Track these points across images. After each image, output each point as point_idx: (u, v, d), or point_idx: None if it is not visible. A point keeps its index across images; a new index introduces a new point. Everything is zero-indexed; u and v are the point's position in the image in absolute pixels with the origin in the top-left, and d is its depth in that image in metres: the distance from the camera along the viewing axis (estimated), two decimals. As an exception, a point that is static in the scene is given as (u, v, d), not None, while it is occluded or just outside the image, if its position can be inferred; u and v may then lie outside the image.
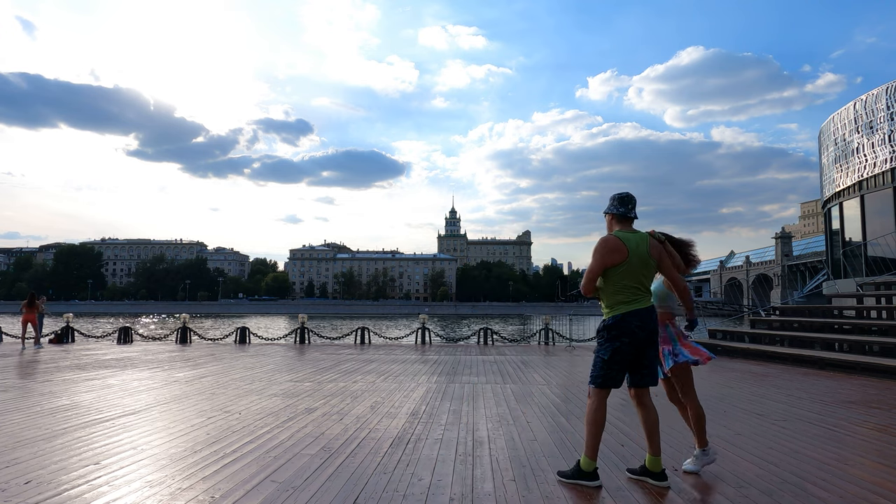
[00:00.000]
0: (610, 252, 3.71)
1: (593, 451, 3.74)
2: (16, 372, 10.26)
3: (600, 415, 3.75)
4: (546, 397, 7.57)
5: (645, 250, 3.76)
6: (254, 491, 3.60)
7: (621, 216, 3.90)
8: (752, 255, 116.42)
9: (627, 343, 3.70)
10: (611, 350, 3.72)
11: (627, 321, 3.69)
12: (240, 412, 6.34)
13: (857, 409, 6.72)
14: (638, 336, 3.70)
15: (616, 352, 3.71)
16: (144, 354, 13.96)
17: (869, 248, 19.24)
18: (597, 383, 3.77)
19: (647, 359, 3.81)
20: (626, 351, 3.71)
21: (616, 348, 3.71)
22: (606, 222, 4.00)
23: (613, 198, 3.95)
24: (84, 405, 6.77)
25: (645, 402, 3.88)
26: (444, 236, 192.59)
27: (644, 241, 3.80)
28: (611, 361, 3.73)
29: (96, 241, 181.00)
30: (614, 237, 3.76)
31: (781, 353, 12.43)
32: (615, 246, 3.71)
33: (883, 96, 19.29)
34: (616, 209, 3.90)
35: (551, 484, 3.81)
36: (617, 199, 3.92)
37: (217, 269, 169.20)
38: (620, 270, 3.72)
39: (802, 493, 3.62)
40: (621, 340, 3.70)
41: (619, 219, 3.91)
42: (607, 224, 3.99)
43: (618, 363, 3.73)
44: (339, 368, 10.93)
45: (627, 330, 3.68)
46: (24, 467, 4.10)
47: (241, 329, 18.98)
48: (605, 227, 4.02)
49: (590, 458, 3.74)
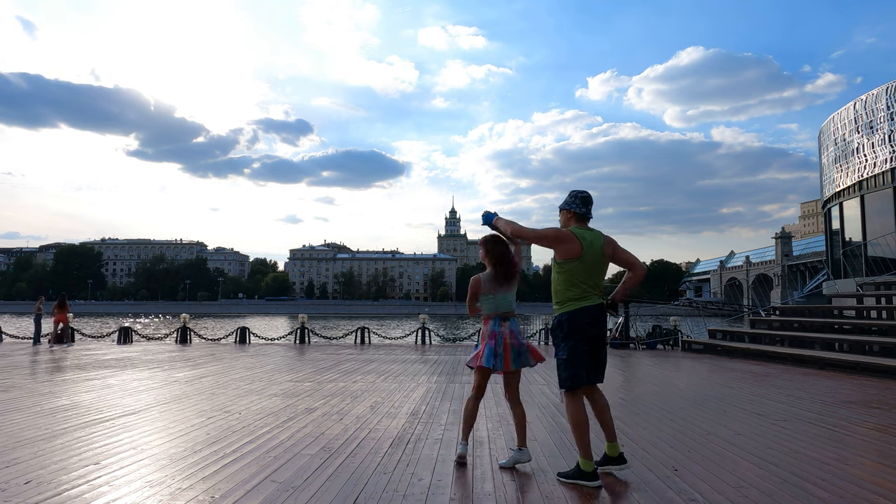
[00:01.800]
0: (560, 241, 3.79)
1: (587, 452, 3.74)
2: (16, 372, 10.26)
3: (582, 416, 3.77)
4: (546, 397, 7.57)
5: (599, 247, 3.81)
6: (254, 491, 3.60)
7: (582, 216, 3.94)
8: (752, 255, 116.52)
9: (580, 340, 3.75)
10: (567, 349, 3.77)
11: (578, 318, 3.74)
12: (240, 412, 6.34)
13: (857, 409, 6.72)
14: (589, 333, 3.77)
15: (572, 350, 3.76)
16: (144, 354, 13.96)
17: (869, 248, 19.24)
18: (566, 387, 3.80)
19: (598, 356, 3.88)
20: (581, 348, 3.77)
21: (571, 346, 3.76)
22: (563, 218, 4.02)
23: (576, 196, 3.97)
24: (84, 405, 6.77)
25: (595, 397, 3.99)
26: (444, 236, 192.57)
27: (599, 238, 3.85)
28: (570, 360, 3.77)
29: (96, 241, 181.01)
30: (570, 232, 3.81)
31: (781, 353, 12.43)
32: (569, 237, 3.77)
33: (883, 96, 19.29)
34: (579, 209, 3.93)
35: (551, 484, 3.81)
36: (580, 199, 3.95)
37: (217, 269, 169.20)
38: (572, 266, 3.77)
39: (802, 493, 3.62)
40: (574, 338, 3.75)
41: (578, 218, 3.94)
42: (564, 220, 4.01)
43: (578, 360, 3.77)
44: (339, 368, 10.93)
45: (578, 327, 3.74)
46: (24, 467, 4.10)
47: (241, 329, 18.99)
48: (564, 222, 4.02)
49: (586, 458, 3.74)
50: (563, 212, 4.01)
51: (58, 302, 17.35)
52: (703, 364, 12.32)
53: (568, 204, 3.96)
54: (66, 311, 17.40)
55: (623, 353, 15.00)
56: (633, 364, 12.40)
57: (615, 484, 3.82)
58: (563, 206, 4.00)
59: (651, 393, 8.10)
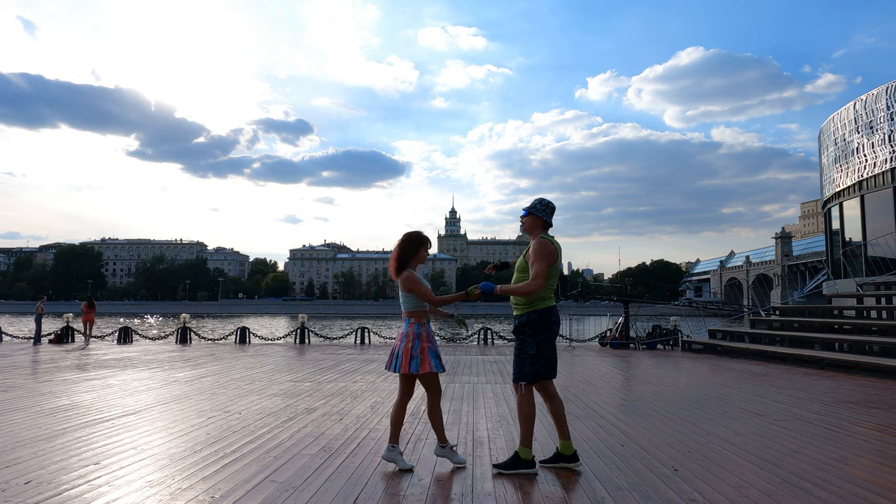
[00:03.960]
0: (550, 255, 4.00)
1: (529, 441, 4.02)
2: (16, 372, 10.27)
3: (533, 408, 4.02)
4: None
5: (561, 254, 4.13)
6: (254, 491, 3.60)
7: (548, 225, 4.17)
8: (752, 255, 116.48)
9: (548, 336, 4.01)
10: (536, 344, 3.98)
11: (547, 316, 4.00)
12: (240, 412, 6.34)
13: (857, 409, 6.72)
14: (554, 330, 4.05)
15: (541, 345, 3.98)
16: (144, 354, 13.97)
17: (869, 248, 19.24)
18: (528, 380, 4.00)
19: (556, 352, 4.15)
20: (549, 344, 4.02)
21: (540, 342, 3.98)
22: (530, 222, 4.17)
23: (547, 205, 4.17)
24: (84, 405, 6.77)
25: (551, 393, 4.12)
26: (444, 236, 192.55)
27: (559, 246, 4.13)
28: (537, 356, 3.98)
29: (96, 241, 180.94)
30: (550, 244, 4.03)
31: (781, 353, 12.43)
32: (552, 250, 4.02)
33: (883, 96, 19.30)
34: (547, 217, 4.15)
35: (551, 484, 3.81)
36: (550, 210, 4.17)
37: (217, 269, 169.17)
38: (549, 270, 4.02)
39: (802, 493, 3.62)
40: (543, 335, 3.99)
41: (544, 225, 4.15)
42: (530, 225, 4.16)
43: (544, 356, 3.99)
44: (339, 368, 10.94)
45: (547, 324, 4.00)
46: (24, 467, 4.10)
47: (241, 329, 18.99)
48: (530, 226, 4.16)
49: (527, 447, 4.01)
50: (531, 216, 4.17)
51: (86, 302, 18.67)
52: (703, 364, 12.31)
53: (539, 212, 4.14)
54: (93, 311, 18.64)
55: (623, 353, 15.00)
56: (633, 364, 12.40)
57: (615, 484, 3.82)
58: (532, 212, 4.16)
59: (651, 393, 8.10)
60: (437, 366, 4.07)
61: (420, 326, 4.11)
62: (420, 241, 4.22)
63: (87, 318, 18.40)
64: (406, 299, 4.16)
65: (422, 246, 4.22)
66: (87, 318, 18.40)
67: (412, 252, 4.18)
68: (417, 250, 4.20)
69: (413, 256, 4.18)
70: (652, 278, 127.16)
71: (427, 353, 4.06)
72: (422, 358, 4.04)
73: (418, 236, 4.24)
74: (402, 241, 4.23)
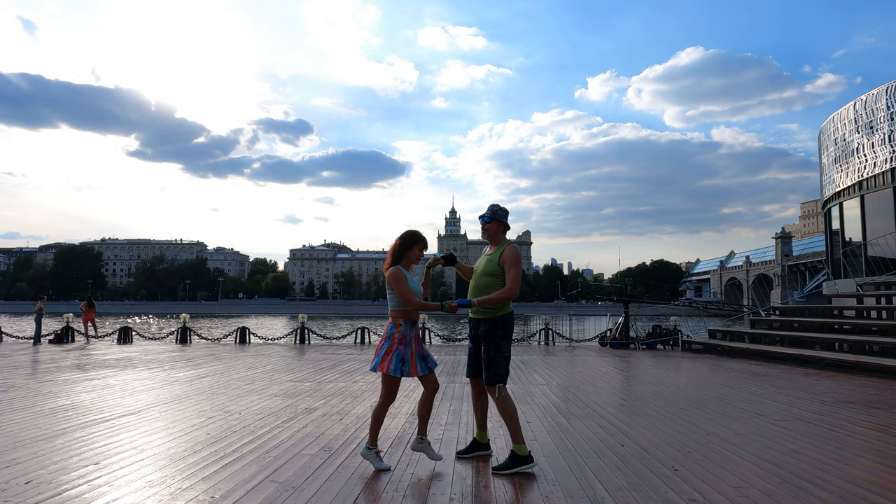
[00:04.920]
0: (520, 260, 4.23)
1: (521, 436, 4.10)
2: (16, 372, 10.26)
3: (514, 404, 4.20)
4: (546, 397, 7.57)
5: None
6: (254, 491, 3.60)
7: (507, 229, 4.40)
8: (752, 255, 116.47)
9: (511, 337, 4.28)
10: (508, 347, 4.23)
11: (512, 319, 4.26)
12: (240, 412, 6.34)
13: (857, 409, 6.73)
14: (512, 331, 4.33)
15: (508, 347, 4.24)
16: (144, 354, 13.96)
17: (869, 248, 19.24)
18: (504, 381, 4.19)
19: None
20: (510, 345, 4.28)
21: (508, 344, 4.25)
22: (495, 228, 4.34)
23: (506, 210, 4.38)
24: (84, 405, 6.77)
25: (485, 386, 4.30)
26: (444, 236, 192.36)
27: None
28: (508, 357, 4.23)
29: (96, 241, 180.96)
30: (517, 248, 4.24)
31: (781, 353, 12.43)
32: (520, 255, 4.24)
33: (883, 96, 19.29)
34: (507, 223, 4.38)
35: (551, 484, 3.81)
36: (508, 214, 4.39)
37: (217, 269, 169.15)
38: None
39: (802, 493, 3.62)
40: (510, 336, 4.27)
41: (504, 230, 4.37)
42: (495, 231, 4.34)
43: (509, 356, 4.25)
44: (339, 368, 10.93)
45: (512, 326, 4.27)
46: (24, 467, 4.10)
47: (241, 329, 18.99)
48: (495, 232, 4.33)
49: (521, 443, 4.08)
50: (495, 223, 4.33)
51: (86, 302, 18.93)
52: (703, 364, 12.31)
53: (503, 217, 4.36)
54: (94, 311, 18.93)
55: (623, 353, 14.99)
56: (633, 364, 12.40)
57: (615, 483, 3.82)
58: (496, 218, 4.33)
59: (651, 393, 8.10)
60: (395, 370, 4.04)
61: (395, 327, 4.13)
62: (415, 240, 4.24)
63: (87, 318, 18.66)
64: (390, 297, 4.19)
65: (416, 244, 4.24)
66: (87, 317, 18.68)
67: (406, 249, 4.21)
68: (411, 248, 4.22)
69: (406, 254, 4.21)
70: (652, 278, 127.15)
71: (392, 354, 4.06)
72: (383, 357, 4.07)
73: (414, 234, 4.27)
74: (398, 238, 4.28)
